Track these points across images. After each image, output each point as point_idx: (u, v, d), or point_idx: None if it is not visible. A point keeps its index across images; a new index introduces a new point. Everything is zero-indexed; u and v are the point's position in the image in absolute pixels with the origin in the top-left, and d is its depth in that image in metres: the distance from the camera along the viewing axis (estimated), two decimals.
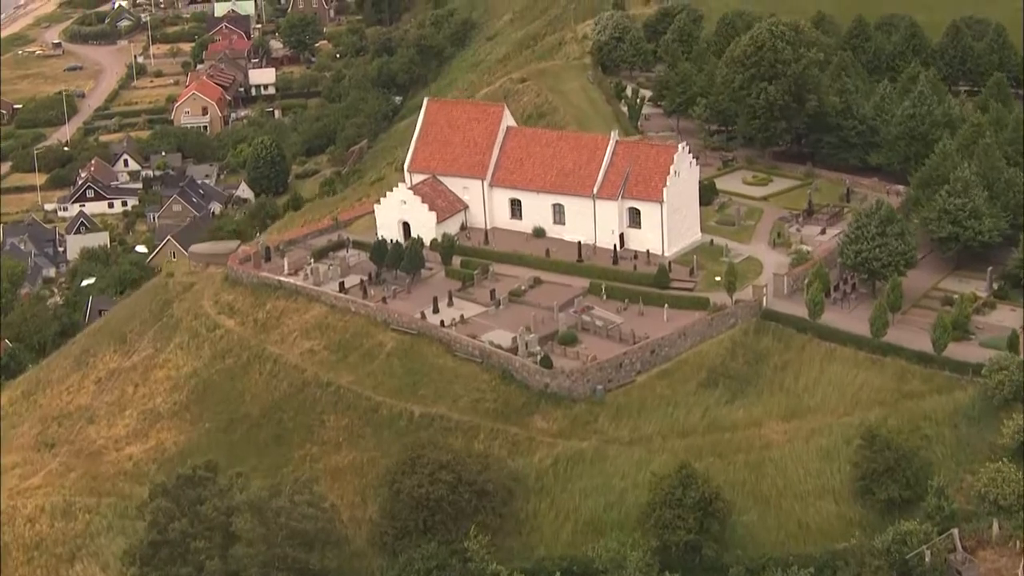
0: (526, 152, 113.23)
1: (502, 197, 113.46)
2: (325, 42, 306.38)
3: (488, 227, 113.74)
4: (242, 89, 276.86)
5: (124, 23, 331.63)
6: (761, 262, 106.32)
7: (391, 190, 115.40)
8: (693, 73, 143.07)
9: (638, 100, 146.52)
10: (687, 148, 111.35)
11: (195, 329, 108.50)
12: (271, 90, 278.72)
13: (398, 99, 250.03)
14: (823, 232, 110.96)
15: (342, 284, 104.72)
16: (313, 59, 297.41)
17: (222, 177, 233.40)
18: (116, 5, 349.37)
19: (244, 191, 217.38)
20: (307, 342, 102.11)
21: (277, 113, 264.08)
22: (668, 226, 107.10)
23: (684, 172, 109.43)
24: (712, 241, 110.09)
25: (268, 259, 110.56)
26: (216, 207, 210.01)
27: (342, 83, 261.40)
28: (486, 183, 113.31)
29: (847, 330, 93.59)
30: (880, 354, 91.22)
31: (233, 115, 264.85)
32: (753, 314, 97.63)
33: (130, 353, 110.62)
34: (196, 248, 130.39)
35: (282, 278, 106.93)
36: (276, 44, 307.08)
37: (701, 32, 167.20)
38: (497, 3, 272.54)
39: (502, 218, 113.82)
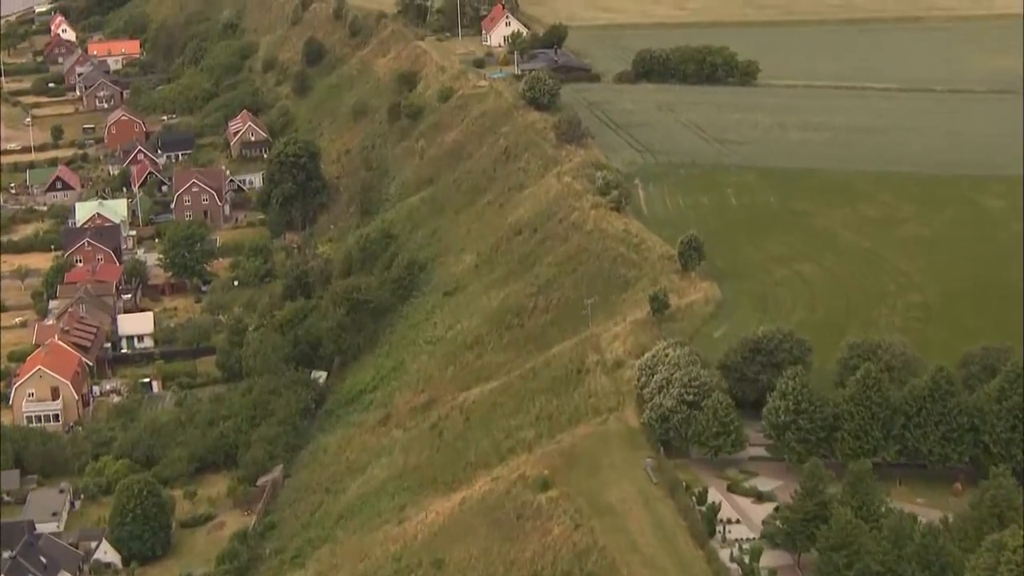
0: None
1: None
2: (220, 262, 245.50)
3: None
4: (108, 346, 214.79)
5: None
6: None
7: None
8: None
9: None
10: None
11: None
12: (148, 341, 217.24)
13: (321, 376, 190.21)
14: None
15: None
16: (204, 288, 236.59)
17: (76, 506, 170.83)
18: None
19: (106, 552, 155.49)
20: None
21: (156, 386, 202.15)
22: None
23: None
24: None
25: None
26: None
27: (244, 345, 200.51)
28: None
29: None
30: None
31: (97, 389, 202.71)
32: None
33: None
34: None
35: None
36: (153, 258, 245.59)
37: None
38: (448, 228, 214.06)
39: None
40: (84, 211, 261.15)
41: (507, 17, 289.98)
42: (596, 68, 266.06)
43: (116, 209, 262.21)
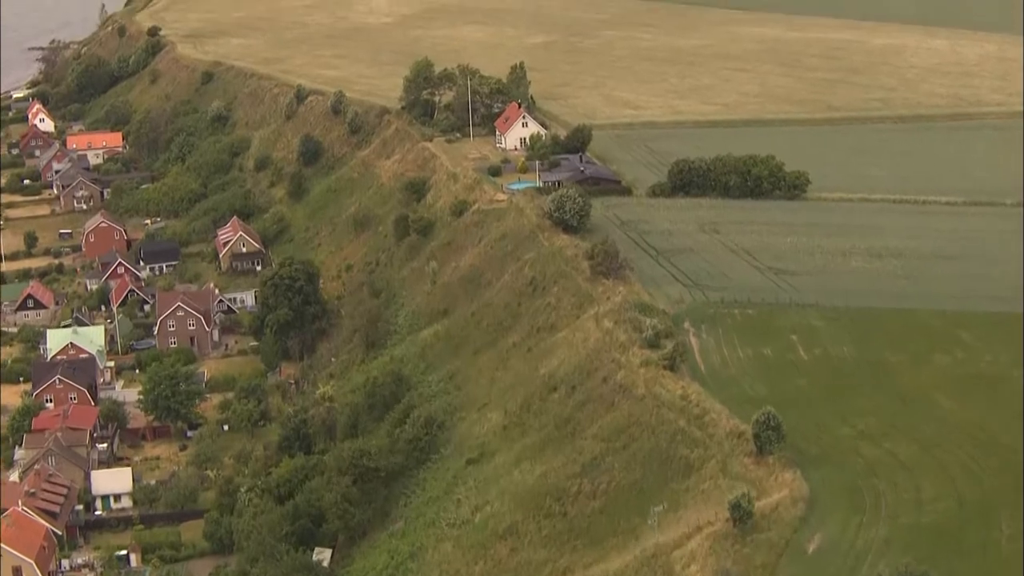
0: None
1: None
2: (209, 400, 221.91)
3: None
4: (80, 509, 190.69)
5: None
6: None
7: None
8: None
9: None
10: None
11: None
12: (125, 501, 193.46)
13: (325, 557, 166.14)
14: None
15: None
16: (190, 433, 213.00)
17: None
18: None
19: None
20: None
21: (134, 559, 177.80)
22: None
23: None
24: None
25: None
26: None
27: (236, 513, 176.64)
28: None
29: None
30: None
31: (66, 564, 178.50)
32: None
33: None
34: None
35: None
36: (133, 395, 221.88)
37: None
38: (468, 372, 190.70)
39: None
40: (57, 340, 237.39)
41: (524, 117, 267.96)
42: (624, 175, 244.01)
43: (92, 337, 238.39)
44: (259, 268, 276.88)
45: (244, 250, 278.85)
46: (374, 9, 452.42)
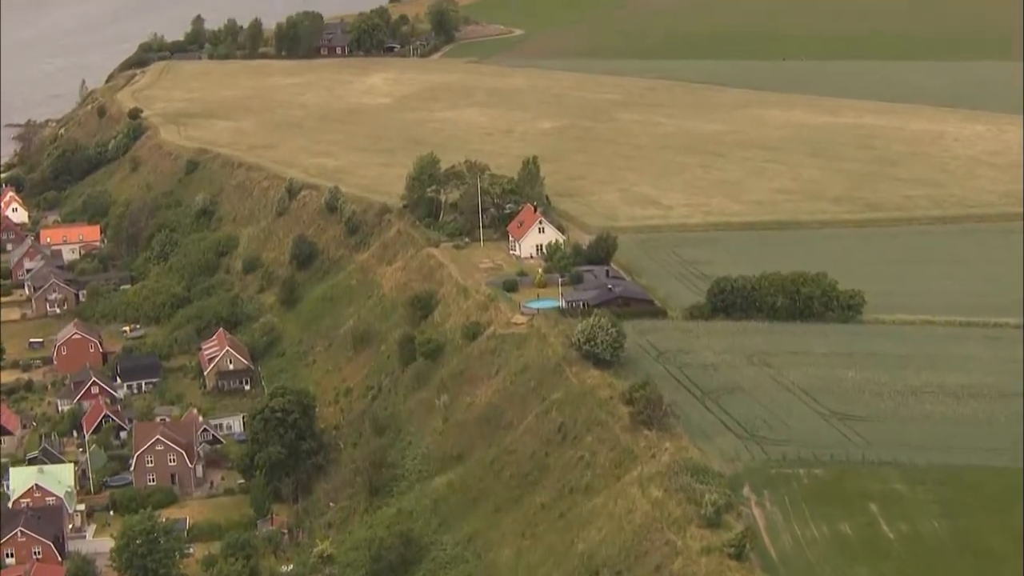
0: None
1: None
2: (191, 555, 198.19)
3: None
4: None
5: None
6: None
7: None
8: None
9: None
10: None
11: None
12: None
13: None
14: None
15: None
16: None
17: None
18: None
19: None
20: None
21: None
22: None
23: None
24: None
25: None
26: None
27: None
28: None
29: None
30: None
31: None
32: None
33: None
34: None
35: None
36: (106, 546, 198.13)
37: None
38: (489, 537, 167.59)
39: None
40: (20, 480, 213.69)
41: (540, 222, 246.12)
42: (655, 290, 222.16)
43: (60, 477, 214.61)
44: (247, 387, 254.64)
45: (231, 367, 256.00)
46: (371, 89, 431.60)
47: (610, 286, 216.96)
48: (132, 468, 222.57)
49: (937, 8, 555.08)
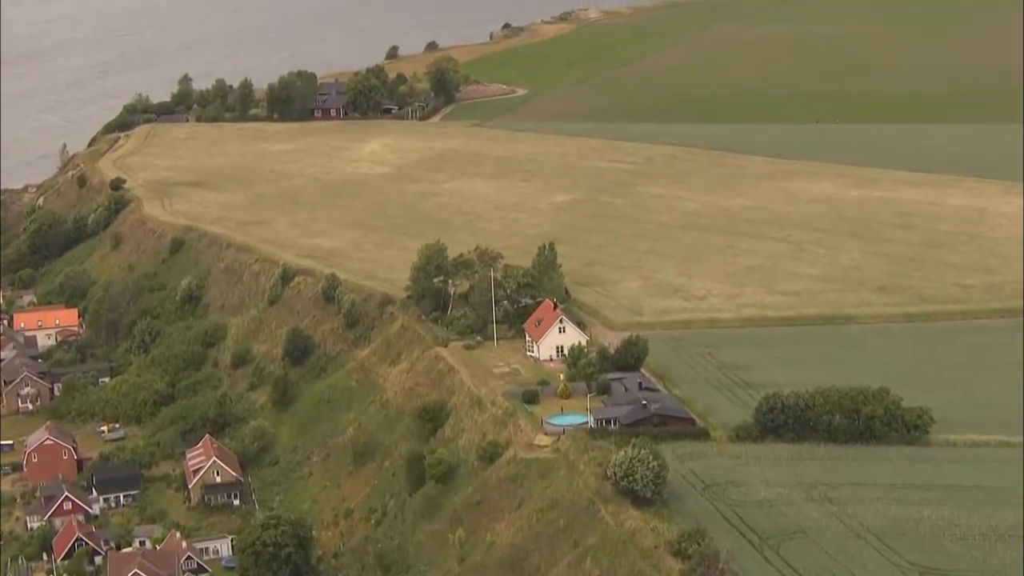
0: None
1: None
2: None
3: None
4: None
5: None
6: None
7: None
8: None
9: None
10: None
11: None
12: None
13: None
14: None
15: None
16: None
17: None
18: None
19: None
20: None
21: None
22: None
23: None
24: None
25: None
26: None
27: None
28: None
29: None
30: None
31: None
32: None
33: None
34: None
35: None
36: None
37: None
38: None
39: None
40: None
41: (561, 322, 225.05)
42: (693, 403, 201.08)
43: None
44: (236, 502, 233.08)
45: (218, 479, 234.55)
46: (370, 156, 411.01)
47: (644, 401, 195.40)
48: None
49: (964, 66, 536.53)
